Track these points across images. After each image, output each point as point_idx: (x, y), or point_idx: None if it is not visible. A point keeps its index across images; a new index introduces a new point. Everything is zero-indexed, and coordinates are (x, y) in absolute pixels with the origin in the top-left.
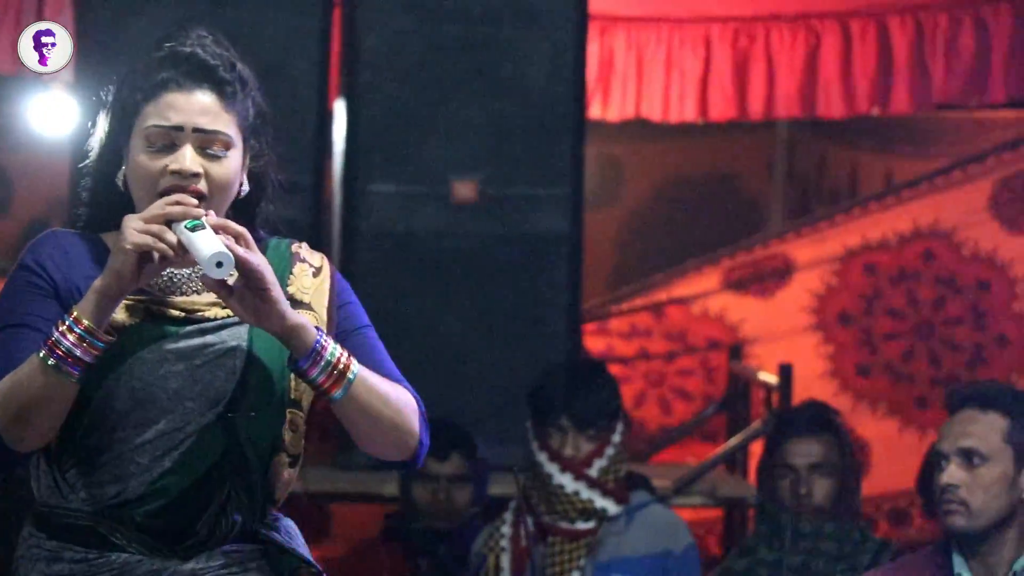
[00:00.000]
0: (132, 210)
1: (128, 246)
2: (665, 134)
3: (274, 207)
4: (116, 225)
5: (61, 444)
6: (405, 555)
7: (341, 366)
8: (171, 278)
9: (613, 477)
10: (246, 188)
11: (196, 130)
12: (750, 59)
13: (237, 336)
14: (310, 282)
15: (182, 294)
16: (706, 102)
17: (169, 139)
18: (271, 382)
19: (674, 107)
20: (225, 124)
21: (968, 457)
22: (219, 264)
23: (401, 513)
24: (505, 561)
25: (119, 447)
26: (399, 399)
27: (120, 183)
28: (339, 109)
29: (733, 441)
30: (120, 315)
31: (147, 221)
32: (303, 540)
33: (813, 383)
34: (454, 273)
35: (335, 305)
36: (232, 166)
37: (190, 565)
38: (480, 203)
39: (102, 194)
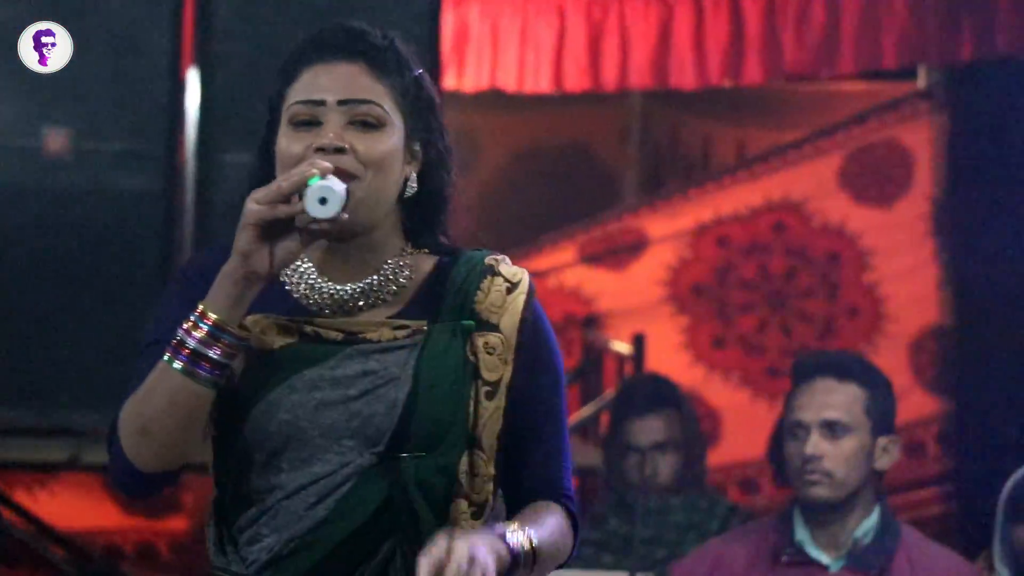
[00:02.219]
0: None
1: (249, 219)
2: (520, 105)
3: (456, 226)
4: None
5: (222, 494)
6: None
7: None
8: (332, 295)
9: None
10: (414, 186)
11: (341, 102)
12: (604, 30)
13: (403, 363)
14: (501, 300)
15: (346, 313)
16: (560, 73)
17: (313, 116)
18: (442, 418)
19: (529, 78)
20: (376, 95)
21: (831, 428)
22: (323, 200)
23: None
24: None
25: (274, 495)
26: (564, 542)
27: None
28: (192, 78)
29: (585, 411)
30: (270, 337)
31: (271, 187)
32: None
33: (667, 355)
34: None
35: (528, 330)
36: (388, 142)
37: None
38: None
39: None
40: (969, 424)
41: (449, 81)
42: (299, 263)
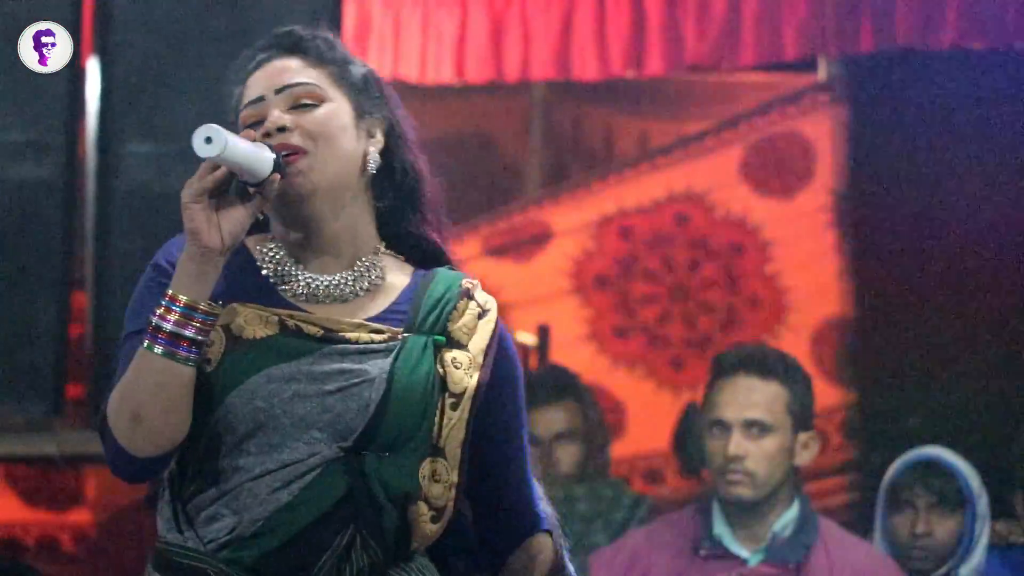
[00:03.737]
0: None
1: (184, 199)
2: (423, 96)
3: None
4: (256, 228)
5: (181, 470)
6: None
7: None
8: (308, 284)
9: None
10: (375, 162)
11: (278, 90)
12: (505, 21)
13: (379, 367)
14: (472, 324)
15: (320, 302)
16: (463, 64)
17: (258, 114)
18: (410, 423)
19: (431, 69)
20: (312, 77)
21: (753, 428)
22: (208, 139)
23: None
24: None
25: (238, 476)
26: None
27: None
28: (92, 67)
29: None
30: (252, 327)
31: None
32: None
33: (572, 346)
34: None
35: (492, 355)
36: (329, 114)
37: None
38: None
39: None
40: (871, 414)
41: None
42: (276, 252)
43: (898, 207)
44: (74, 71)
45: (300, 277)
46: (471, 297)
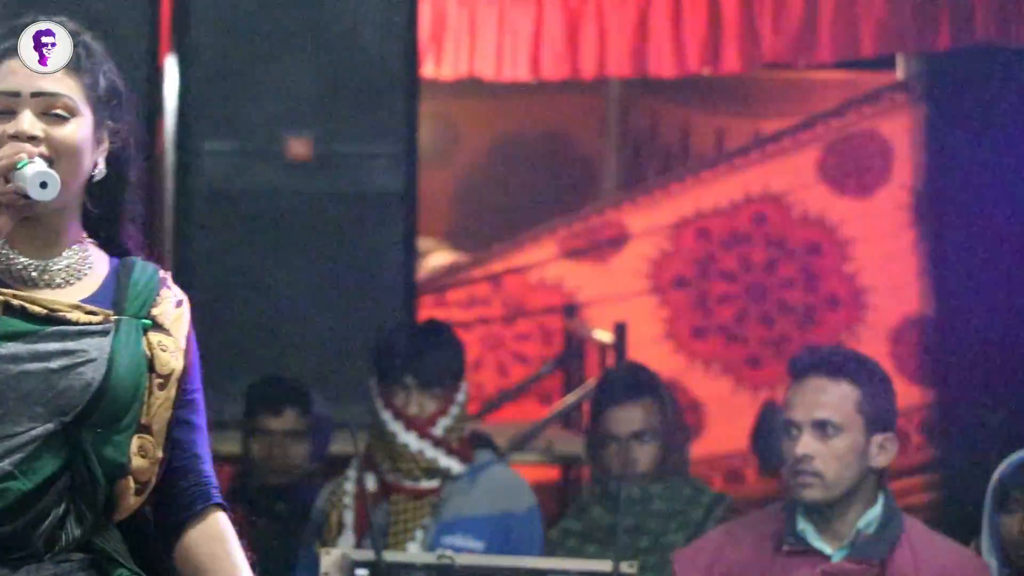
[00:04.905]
0: None
1: None
2: (498, 93)
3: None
4: None
5: None
6: (247, 515)
7: None
8: (25, 269)
9: (457, 436)
10: (101, 169)
11: (35, 94)
12: (582, 18)
13: (99, 348)
14: (172, 311)
15: (36, 286)
16: (539, 61)
17: (9, 107)
18: (124, 402)
19: (507, 66)
20: (67, 88)
21: (822, 428)
22: (43, 185)
23: (243, 472)
24: (348, 517)
25: None
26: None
27: None
28: (170, 66)
29: (569, 399)
30: None
31: None
32: (140, 543)
33: (649, 346)
34: (288, 231)
35: (190, 343)
36: (77, 131)
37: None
38: (314, 161)
39: None
40: (951, 413)
41: (427, 69)
42: None
43: (977, 205)
44: (152, 70)
45: (16, 261)
46: (168, 287)
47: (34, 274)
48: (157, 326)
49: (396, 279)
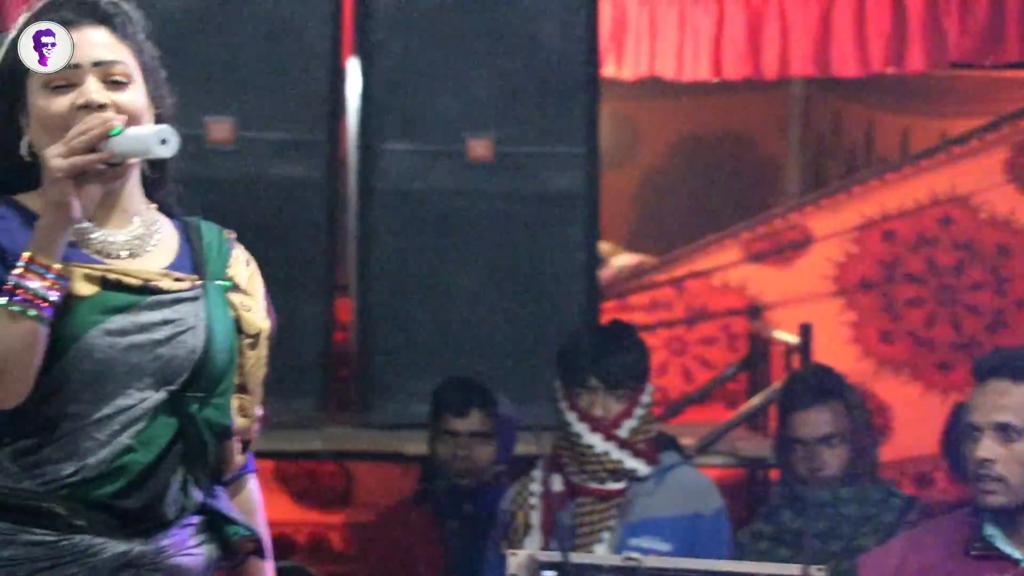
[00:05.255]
0: (38, 174)
1: (60, 173)
2: (679, 92)
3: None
4: (26, 187)
5: (9, 418)
6: (434, 518)
7: None
8: (107, 242)
9: (643, 438)
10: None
11: (95, 64)
12: (763, 18)
13: (195, 315)
14: (245, 271)
15: (116, 257)
16: (720, 60)
17: (68, 79)
18: (223, 365)
19: (688, 65)
20: (123, 55)
21: (1004, 431)
22: (164, 141)
23: (430, 474)
24: (534, 518)
25: (75, 422)
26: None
27: (25, 153)
28: (352, 66)
29: (754, 400)
30: (77, 284)
31: (68, 142)
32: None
33: (835, 349)
34: (469, 231)
35: (265, 297)
36: (137, 97)
37: (152, 545)
38: (495, 161)
39: (6, 164)
40: None
41: (608, 69)
42: None
43: None
44: (335, 70)
45: (96, 235)
46: (235, 246)
47: (115, 246)
48: (236, 287)
49: (578, 280)
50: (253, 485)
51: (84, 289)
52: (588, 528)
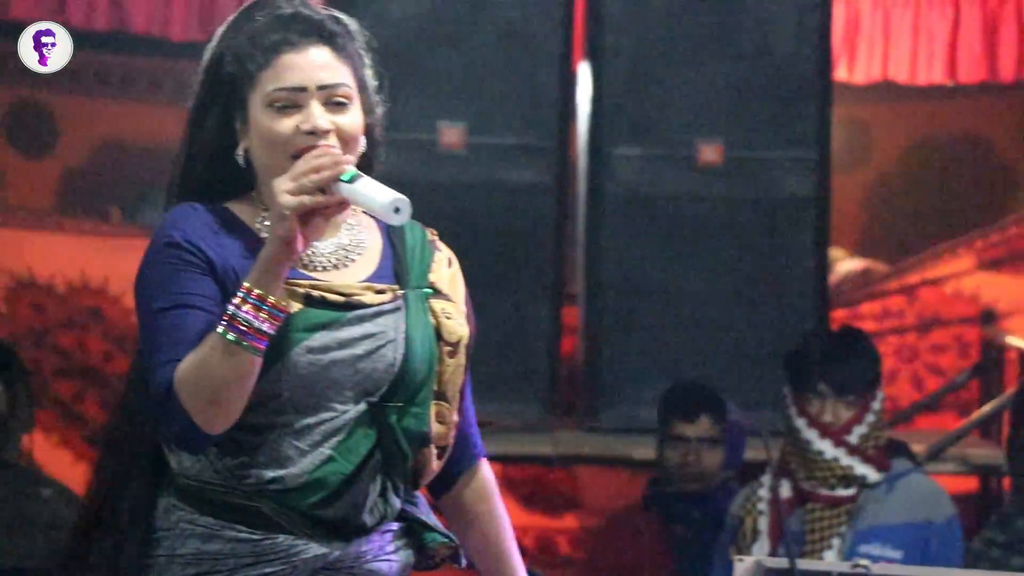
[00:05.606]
0: (250, 180)
1: (287, 211)
2: (913, 96)
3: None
4: (236, 195)
5: None
6: (663, 524)
7: None
8: (312, 255)
9: (873, 444)
10: (363, 145)
11: (320, 87)
12: (1000, 19)
13: (395, 327)
14: (446, 273)
15: (325, 269)
16: (955, 63)
17: (293, 100)
18: (422, 375)
19: (922, 69)
20: (344, 76)
21: None
22: (397, 210)
23: (659, 479)
24: (763, 524)
25: (278, 431)
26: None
27: (240, 159)
28: (583, 71)
29: (986, 407)
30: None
31: (297, 179)
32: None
33: None
34: (698, 236)
35: (469, 303)
36: (358, 118)
37: (352, 549)
38: (725, 166)
39: (216, 172)
40: None
41: (840, 73)
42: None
43: None
44: (566, 75)
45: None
46: (438, 248)
47: (319, 258)
48: (437, 292)
49: (807, 286)
50: (486, 470)
51: (288, 306)
52: (817, 535)
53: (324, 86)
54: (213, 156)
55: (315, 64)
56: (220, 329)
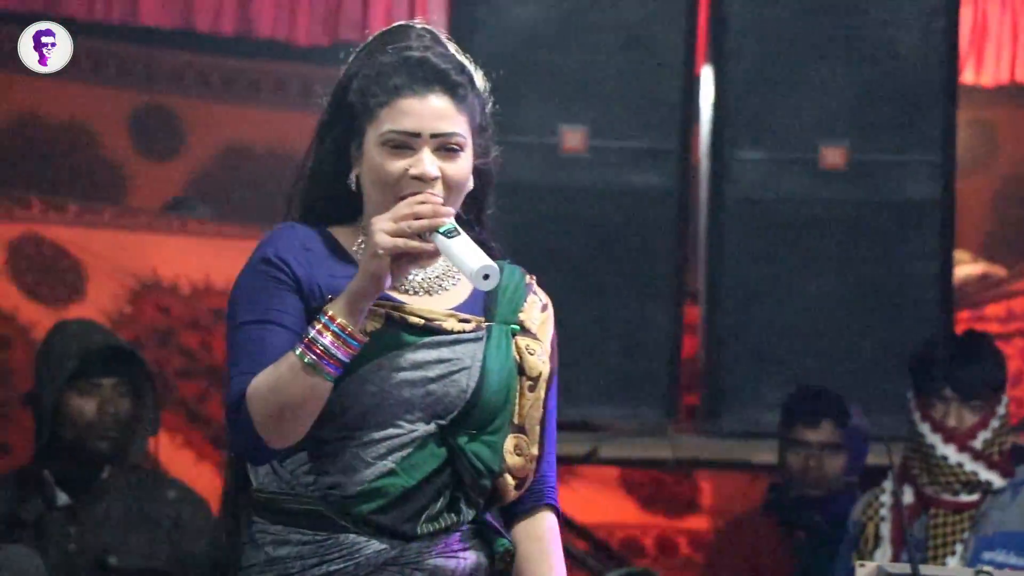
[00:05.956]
0: (359, 206)
1: (381, 251)
2: None
3: (493, 210)
4: (343, 219)
5: None
6: (783, 528)
7: None
8: (404, 278)
9: (998, 449)
10: (471, 184)
11: (434, 135)
12: None
13: (472, 355)
14: (538, 316)
15: (414, 293)
16: None
17: (406, 143)
18: (495, 406)
19: None
20: (459, 125)
21: None
22: (486, 276)
23: (780, 484)
24: (884, 530)
25: (344, 443)
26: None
27: (352, 184)
28: (706, 75)
29: None
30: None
31: (397, 222)
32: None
33: None
34: (821, 240)
35: (554, 348)
36: (466, 166)
37: (415, 546)
38: (848, 169)
39: (329, 191)
40: None
41: (967, 75)
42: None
43: None
44: (688, 78)
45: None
46: (534, 292)
47: (409, 282)
48: (525, 330)
49: (931, 289)
50: (546, 518)
51: (367, 325)
52: (940, 541)
53: (438, 134)
54: (328, 176)
55: (433, 112)
56: (298, 351)
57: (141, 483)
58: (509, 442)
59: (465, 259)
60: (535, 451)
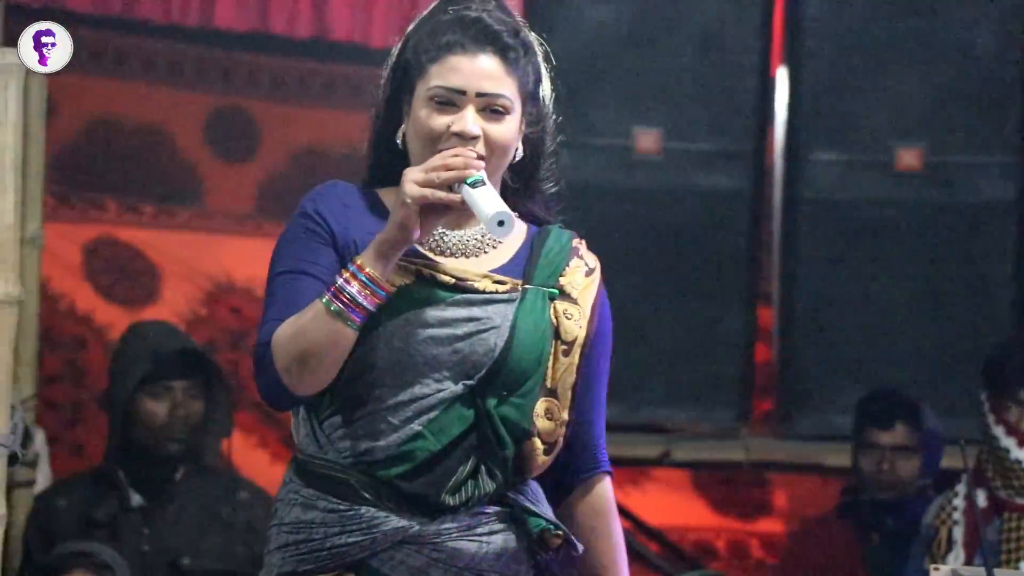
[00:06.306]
0: (402, 167)
1: (409, 200)
2: None
3: (547, 184)
4: (394, 181)
5: (321, 394)
6: (856, 532)
7: None
8: (441, 238)
9: None
10: (520, 153)
11: (479, 94)
12: None
13: (503, 315)
14: (581, 280)
15: (451, 255)
16: None
17: (451, 100)
18: (526, 367)
19: None
20: (506, 88)
21: None
22: (500, 223)
23: (853, 487)
24: (957, 534)
25: (374, 404)
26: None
27: (399, 141)
28: (781, 76)
29: None
30: (393, 275)
31: (427, 172)
32: (546, 500)
33: None
34: (896, 242)
35: (597, 311)
36: (510, 129)
37: (434, 526)
38: (924, 171)
39: (382, 151)
40: None
41: None
42: None
43: None
44: (764, 80)
45: (437, 233)
46: (580, 256)
47: (447, 243)
48: (564, 294)
49: (1007, 291)
50: (606, 487)
51: (396, 280)
52: (1014, 544)
53: (483, 94)
54: (385, 134)
55: (481, 71)
56: (325, 299)
57: (214, 484)
58: (540, 406)
59: (483, 206)
60: (566, 416)
